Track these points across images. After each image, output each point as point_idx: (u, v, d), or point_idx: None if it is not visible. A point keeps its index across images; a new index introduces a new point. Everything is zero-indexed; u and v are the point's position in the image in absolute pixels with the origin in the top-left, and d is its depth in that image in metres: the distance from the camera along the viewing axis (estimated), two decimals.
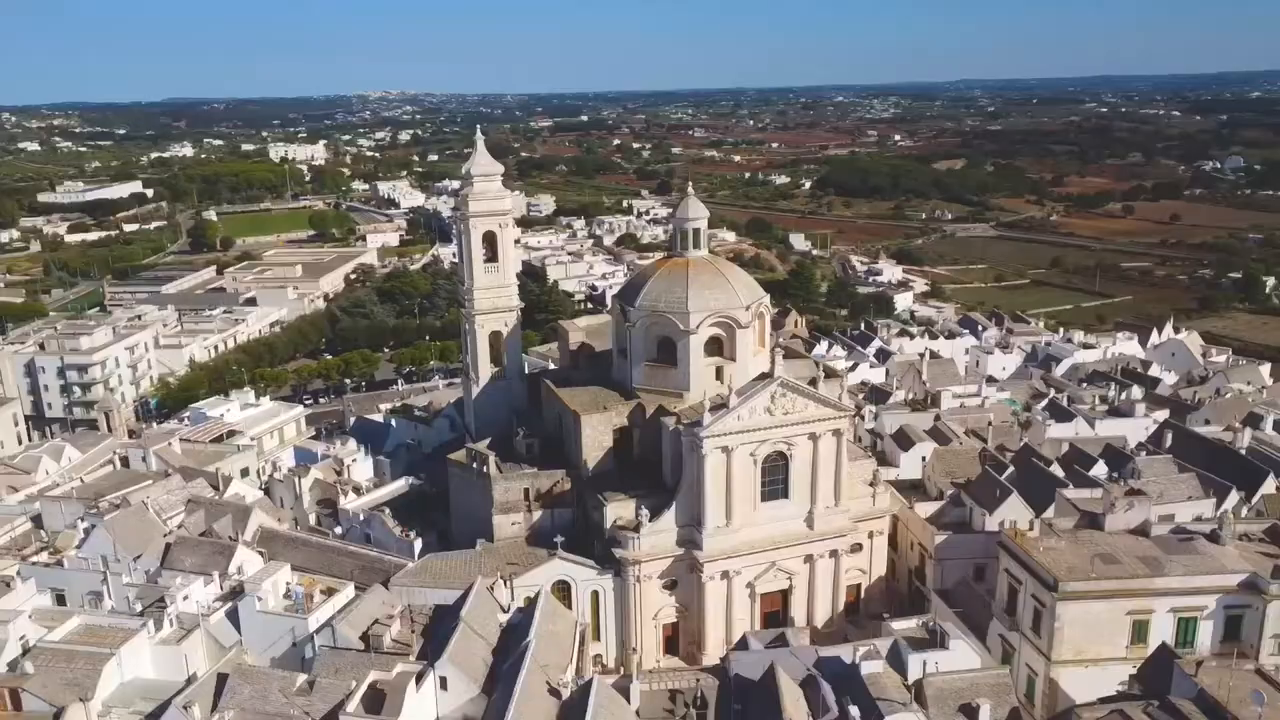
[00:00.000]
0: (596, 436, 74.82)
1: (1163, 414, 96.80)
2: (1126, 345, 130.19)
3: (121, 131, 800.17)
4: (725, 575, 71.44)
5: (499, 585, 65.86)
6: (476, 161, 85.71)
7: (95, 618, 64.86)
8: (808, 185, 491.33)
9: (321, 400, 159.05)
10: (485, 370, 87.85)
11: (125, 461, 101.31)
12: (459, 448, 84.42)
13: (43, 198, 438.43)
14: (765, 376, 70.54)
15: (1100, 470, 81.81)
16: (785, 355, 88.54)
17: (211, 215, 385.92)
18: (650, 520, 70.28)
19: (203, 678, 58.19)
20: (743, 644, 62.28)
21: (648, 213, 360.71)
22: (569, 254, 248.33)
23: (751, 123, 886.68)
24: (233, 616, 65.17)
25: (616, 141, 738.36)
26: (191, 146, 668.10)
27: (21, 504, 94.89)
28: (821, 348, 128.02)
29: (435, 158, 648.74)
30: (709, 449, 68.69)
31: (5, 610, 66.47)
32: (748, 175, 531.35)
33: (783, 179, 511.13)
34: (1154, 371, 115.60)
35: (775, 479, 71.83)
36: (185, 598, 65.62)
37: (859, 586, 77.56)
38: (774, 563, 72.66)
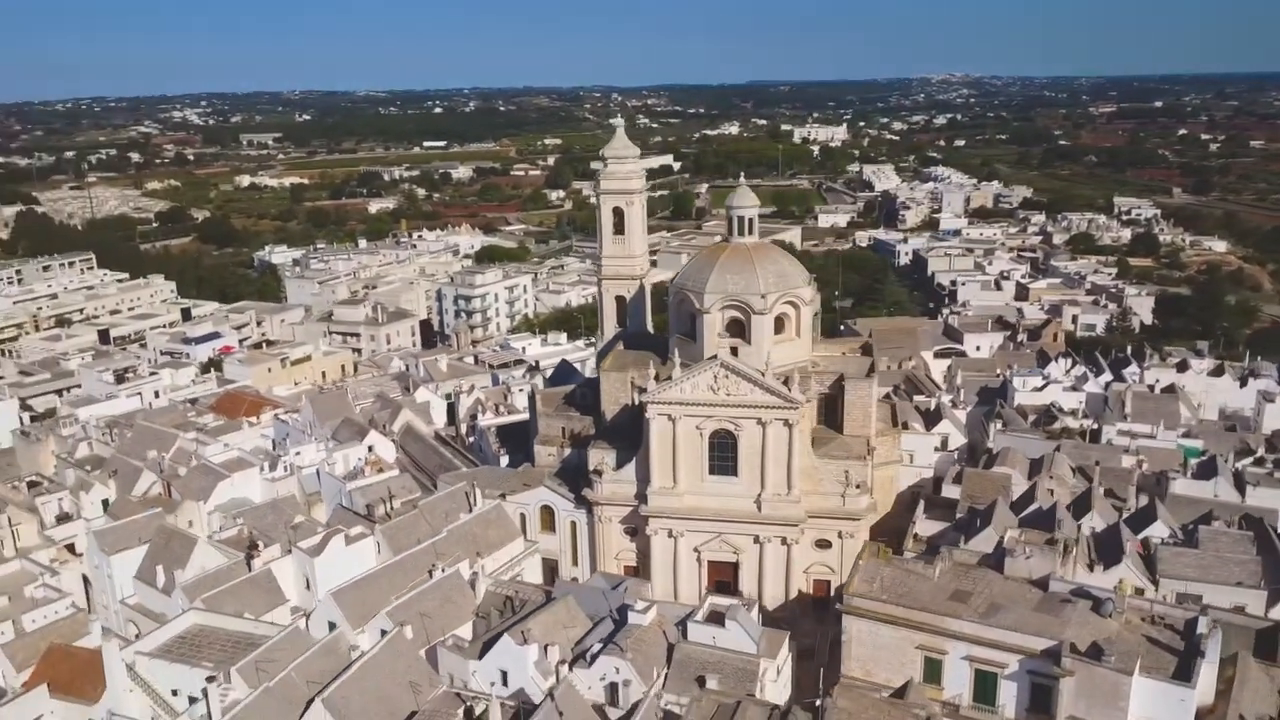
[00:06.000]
0: (613, 392, 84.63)
1: None
2: None
3: (693, 110, 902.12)
4: (670, 534, 77.56)
5: (472, 491, 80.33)
6: (611, 145, 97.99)
7: (246, 455, 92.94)
8: None
9: None
10: (610, 328, 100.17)
11: (407, 368, 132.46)
12: None
13: (594, 165, 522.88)
14: (713, 359, 74.73)
15: (1159, 531, 70.93)
16: (863, 352, 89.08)
17: (702, 188, 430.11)
18: (613, 470, 79.10)
19: (259, 504, 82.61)
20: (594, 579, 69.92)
21: (1129, 212, 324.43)
22: (964, 248, 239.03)
23: None
24: (318, 474, 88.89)
25: (1182, 131, 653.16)
26: (739, 126, 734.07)
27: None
28: (1058, 366, 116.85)
29: (961, 143, 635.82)
30: (653, 414, 75.50)
31: (219, 439, 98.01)
32: None
33: None
34: None
35: (724, 456, 75.70)
36: (297, 453, 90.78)
37: (828, 583, 77.45)
38: (720, 534, 76.75)
